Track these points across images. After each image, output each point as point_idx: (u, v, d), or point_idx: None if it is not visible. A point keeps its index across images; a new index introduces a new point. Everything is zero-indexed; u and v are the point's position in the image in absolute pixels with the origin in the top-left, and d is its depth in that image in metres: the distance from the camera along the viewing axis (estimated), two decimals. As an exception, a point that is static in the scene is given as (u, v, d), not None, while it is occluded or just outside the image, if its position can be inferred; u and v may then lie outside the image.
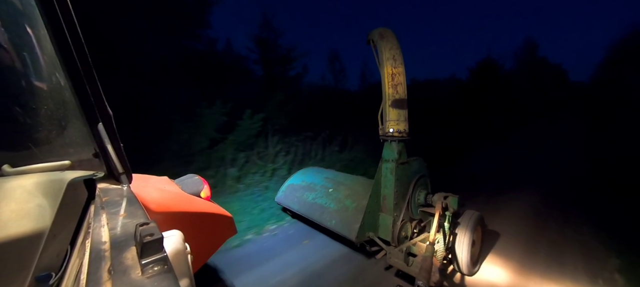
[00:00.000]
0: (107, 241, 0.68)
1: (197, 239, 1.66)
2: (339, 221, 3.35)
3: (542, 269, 3.20)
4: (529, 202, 5.27)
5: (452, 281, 3.03)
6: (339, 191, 3.76)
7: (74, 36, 0.82)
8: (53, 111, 1.04)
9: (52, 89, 1.02)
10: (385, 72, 2.95)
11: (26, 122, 1.00)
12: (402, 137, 2.98)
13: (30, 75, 1.00)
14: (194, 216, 1.84)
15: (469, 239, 2.86)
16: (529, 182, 6.57)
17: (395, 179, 2.99)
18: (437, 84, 21.81)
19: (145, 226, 0.62)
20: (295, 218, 4.52)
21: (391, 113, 2.95)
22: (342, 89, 16.48)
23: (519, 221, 4.42)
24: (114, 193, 1.04)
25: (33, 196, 0.92)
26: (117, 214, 0.84)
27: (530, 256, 3.47)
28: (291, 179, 4.60)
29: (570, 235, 3.97)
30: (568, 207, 4.99)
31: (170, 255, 0.84)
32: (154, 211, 1.52)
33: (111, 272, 0.56)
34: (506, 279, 3.03)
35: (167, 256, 0.58)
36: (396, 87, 2.94)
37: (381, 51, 2.99)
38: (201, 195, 2.24)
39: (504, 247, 3.64)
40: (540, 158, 9.52)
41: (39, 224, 0.87)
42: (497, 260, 3.37)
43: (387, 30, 3.06)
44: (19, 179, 0.97)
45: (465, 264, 2.90)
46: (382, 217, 3.18)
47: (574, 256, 3.44)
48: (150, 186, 1.81)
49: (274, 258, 3.46)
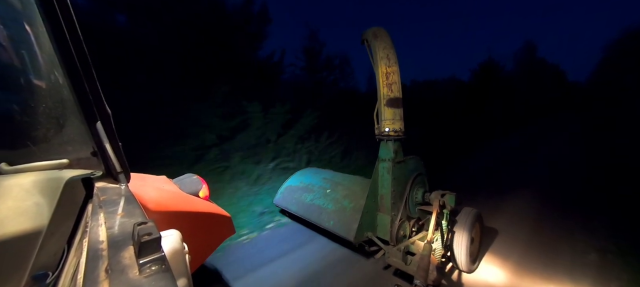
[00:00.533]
0: (105, 240, 0.68)
1: (195, 238, 1.66)
2: (337, 222, 3.35)
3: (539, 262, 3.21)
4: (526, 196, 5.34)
5: (451, 279, 3.04)
6: (336, 191, 3.76)
7: (72, 34, 0.82)
8: (51, 109, 1.03)
9: (51, 87, 1.01)
10: (379, 72, 2.96)
11: (24, 120, 0.99)
12: (398, 136, 2.99)
13: (28, 73, 1.00)
14: (192, 215, 1.84)
15: (467, 236, 2.88)
16: (527, 179, 6.67)
17: (392, 178, 2.99)
18: (437, 85, 22.03)
19: (143, 225, 0.62)
20: (293, 220, 4.52)
21: (386, 112, 2.97)
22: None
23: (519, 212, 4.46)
24: (112, 192, 1.04)
25: (30, 194, 0.91)
26: (114, 213, 0.84)
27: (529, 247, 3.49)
28: (289, 181, 4.59)
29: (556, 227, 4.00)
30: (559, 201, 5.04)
31: (168, 254, 0.84)
32: (152, 210, 1.51)
33: (108, 272, 0.56)
34: (504, 276, 3.05)
35: (164, 256, 0.58)
36: (391, 86, 2.95)
37: (375, 51, 3.00)
38: (200, 194, 2.24)
39: (502, 243, 3.65)
40: (539, 155, 9.78)
41: (36, 223, 0.86)
42: (495, 258, 3.39)
43: (380, 29, 3.07)
44: (16, 177, 0.96)
45: (464, 262, 2.91)
46: (380, 216, 3.19)
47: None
48: (148, 185, 1.81)
49: (272, 259, 3.46)
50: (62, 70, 0.90)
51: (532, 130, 16.86)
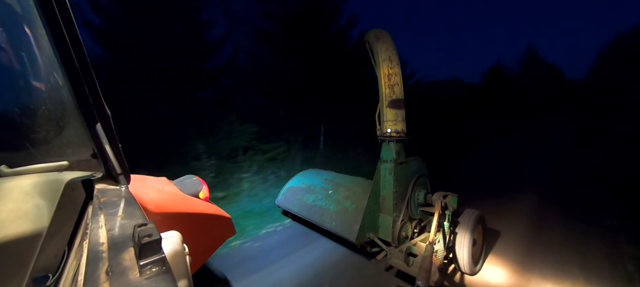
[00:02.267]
0: (105, 242, 0.68)
1: (195, 240, 1.65)
2: (339, 223, 3.34)
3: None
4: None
5: (453, 281, 3.02)
6: (338, 192, 3.75)
7: (72, 36, 0.82)
8: (51, 111, 1.03)
9: (51, 89, 1.01)
10: (381, 73, 2.96)
11: (24, 122, 0.99)
12: (400, 137, 2.98)
13: (28, 76, 0.99)
14: (192, 216, 1.84)
15: (469, 238, 2.86)
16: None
17: (394, 179, 2.99)
18: (441, 85, 22.56)
19: (144, 227, 0.62)
20: (295, 221, 4.51)
21: (388, 113, 2.96)
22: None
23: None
24: (112, 194, 1.03)
25: (30, 197, 0.91)
26: (115, 214, 0.84)
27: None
28: (291, 182, 4.58)
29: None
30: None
31: (169, 256, 0.83)
32: (153, 212, 1.51)
33: (109, 274, 0.56)
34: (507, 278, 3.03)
35: (165, 257, 0.58)
36: (393, 88, 2.94)
37: (377, 52, 3.00)
38: (200, 196, 2.24)
39: (501, 239, 3.64)
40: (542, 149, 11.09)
41: (36, 225, 0.86)
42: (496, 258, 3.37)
43: (382, 31, 3.07)
44: (17, 180, 0.96)
45: (466, 264, 2.90)
46: (382, 217, 3.18)
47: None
48: (148, 187, 1.81)
49: (272, 259, 3.45)
50: (62, 72, 0.90)
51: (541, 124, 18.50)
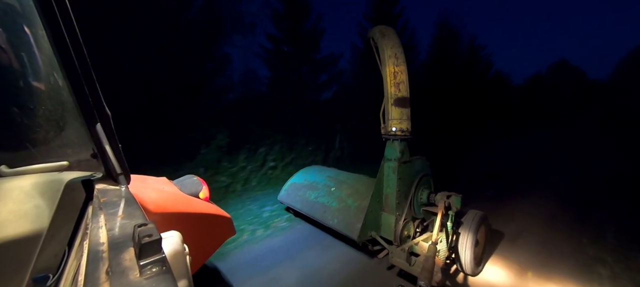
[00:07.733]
0: (105, 242, 0.67)
1: (195, 240, 1.65)
2: (341, 220, 3.33)
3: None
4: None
5: (455, 281, 3.01)
6: (341, 189, 3.74)
7: (72, 36, 0.82)
8: (51, 112, 1.03)
9: (50, 89, 1.01)
10: (387, 71, 2.93)
11: (24, 122, 0.99)
12: (404, 136, 2.96)
13: (28, 76, 0.99)
14: (192, 216, 1.84)
15: (472, 238, 2.84)
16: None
17: (398, 178, 2.97)
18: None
19: (144, 227, 0.62)
20: (297, 217, 4.51)
21: (393, 112, 2.94)
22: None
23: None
24: (112, 194, 1.03)
25: (30, 197, 0.91)
26: (115, 215, 0.83)
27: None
28: (293, 178, 4.57)
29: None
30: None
31: (169, 256, 0.83)
32: (153, 212, 1.51)
33: (109, 274, 0.55)
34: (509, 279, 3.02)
35: (165, 257, 0.58)
36: (398, 86, 2.91)
37: (382, 49, 2.96)
38: (200, 196, 2.24)
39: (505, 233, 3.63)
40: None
41: (36, 225, 0.86)
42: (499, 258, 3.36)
43: (388, 28, 3.04)
44: (17, 180, 0.96)
45: (469, 264, 2.88)
46: (385, 216, 3.17)
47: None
48: (148, 187, 1.80)
49: (273, 256, 3.45)
50: (62, 72, 0.89)
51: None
